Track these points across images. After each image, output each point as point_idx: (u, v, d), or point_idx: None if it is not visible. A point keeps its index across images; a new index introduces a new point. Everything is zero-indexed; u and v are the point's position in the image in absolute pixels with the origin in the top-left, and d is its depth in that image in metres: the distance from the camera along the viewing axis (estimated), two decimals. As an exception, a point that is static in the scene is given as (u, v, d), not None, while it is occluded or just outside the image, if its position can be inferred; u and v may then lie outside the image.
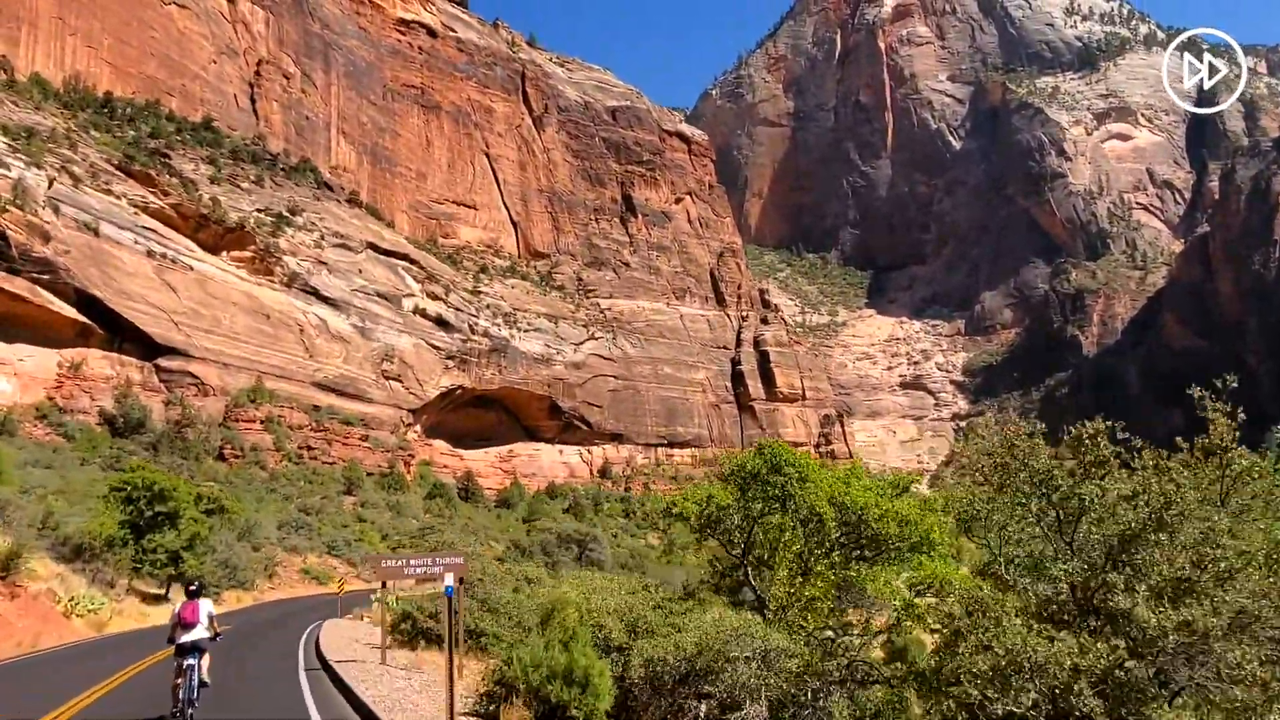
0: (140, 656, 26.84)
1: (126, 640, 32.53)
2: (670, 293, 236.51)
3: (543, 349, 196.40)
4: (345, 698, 21.02)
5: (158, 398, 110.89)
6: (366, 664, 26.29)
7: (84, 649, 30.05)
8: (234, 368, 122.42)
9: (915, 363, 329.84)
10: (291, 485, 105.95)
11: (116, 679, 22.75)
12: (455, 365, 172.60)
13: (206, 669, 16.31)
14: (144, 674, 23.99)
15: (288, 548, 71.03)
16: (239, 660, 27.45)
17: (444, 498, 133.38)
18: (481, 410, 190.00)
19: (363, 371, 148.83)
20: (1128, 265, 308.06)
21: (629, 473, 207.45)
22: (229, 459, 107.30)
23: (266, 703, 20.71)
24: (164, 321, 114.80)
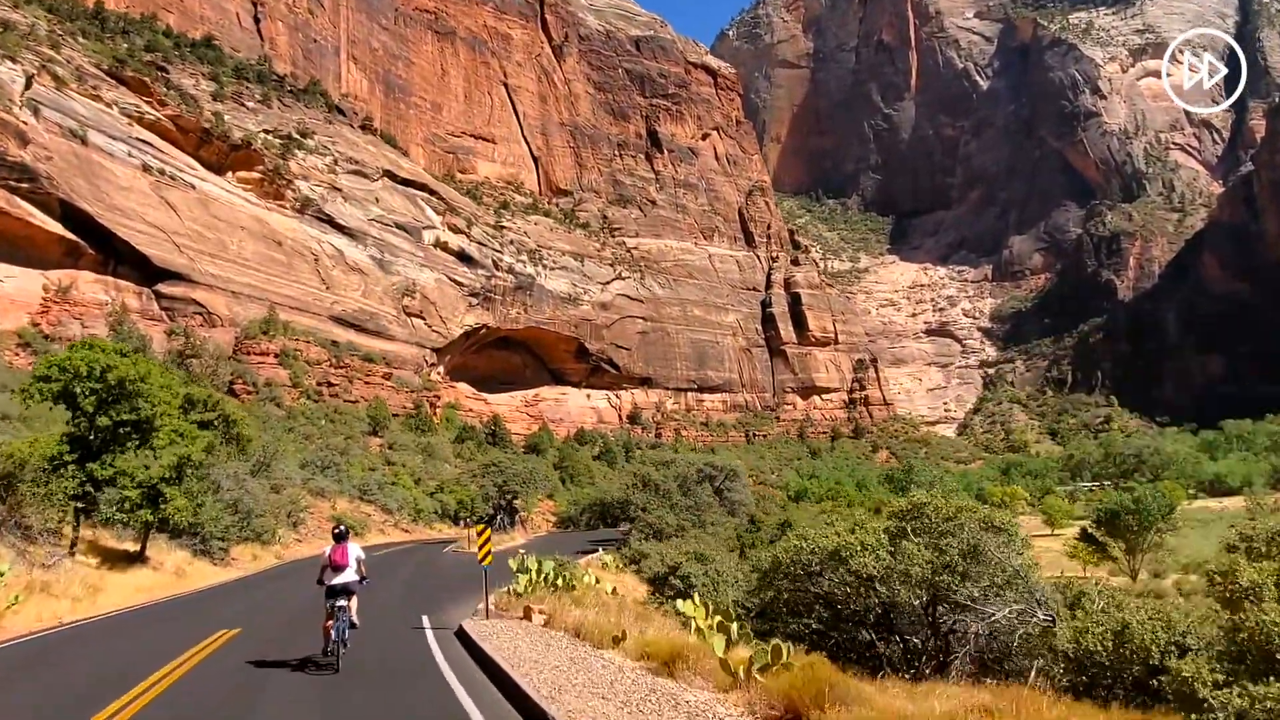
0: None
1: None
2: (698, 232, 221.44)
3: (569, 288, 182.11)
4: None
5: (158, 327, 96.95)
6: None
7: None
8: (244, 297, 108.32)
9: (941, 309, 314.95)
10: (311, 424, 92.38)
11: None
12: (479, 303, 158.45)
13: (355, 611, 15.70)
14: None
15: (314, 490, 57.50)
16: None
17: (474, 441, 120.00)
18: (506, 352, 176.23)
19: (383, 306, 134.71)
20: (1165, 207, 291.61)
21: (659, 418, 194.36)
22: (240, 395, 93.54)
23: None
24: (163, 243, 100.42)
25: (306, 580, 29.58)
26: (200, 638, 18.15)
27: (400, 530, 64.51)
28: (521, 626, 19.43)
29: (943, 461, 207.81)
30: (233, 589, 28.40)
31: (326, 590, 15.59)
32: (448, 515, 78.36)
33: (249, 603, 25.08)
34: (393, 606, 24.39)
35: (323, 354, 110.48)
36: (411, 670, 15.92)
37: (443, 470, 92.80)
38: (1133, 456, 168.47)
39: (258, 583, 30.60)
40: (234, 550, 33.77)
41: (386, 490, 69.60)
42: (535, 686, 12.81)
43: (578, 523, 78.56)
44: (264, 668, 15.67)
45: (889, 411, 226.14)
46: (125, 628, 20.45)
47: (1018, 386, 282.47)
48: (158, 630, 19.79)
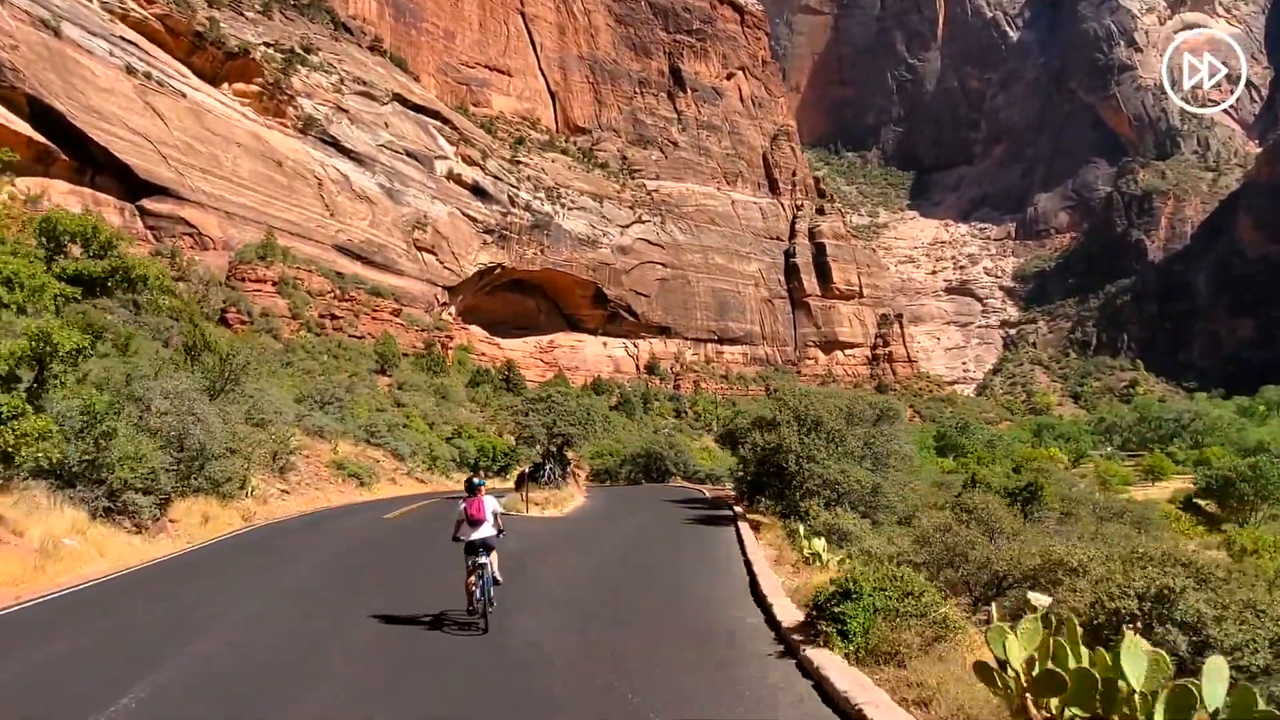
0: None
1: None
2: (721, 176, 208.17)
3: (587, 229, 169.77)
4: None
5: (143, 248, 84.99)
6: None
7: None
8: (239, 218, 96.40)
9: (961, 267, 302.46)
10: (312, 359, 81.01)
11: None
12: (494, 241, 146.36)
13: (497, 566, 14.54)
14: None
15: (310, 429, 46.26)
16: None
17: (490, 385, 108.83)
18: (520, 296, 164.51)
19: (391, 239, 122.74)
20: (1199, 166, 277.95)
21: (678, 369, 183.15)
22: (233, 325, 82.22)
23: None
24: (148, 153, 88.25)
25: (294, 567, 18.88)
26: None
27: (414, 480, 53.54)
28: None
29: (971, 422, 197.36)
30: (120, 590, 15.98)
31: (466, 546, 14.41)
32: (466, 464, 67.29)
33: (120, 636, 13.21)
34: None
35: (326, 284, 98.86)
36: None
37: (458, 414, 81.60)
38: (1172, 421, 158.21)
39: (185, 572, 18.18)
40: (175, 508, 22.32)
41: (397, 433, 58.48)
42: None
43: (615, 475, 67.56)
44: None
45: (913, 369, 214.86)
46: None
47: (1040, 348, 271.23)
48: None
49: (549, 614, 15.02)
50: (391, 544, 24.05)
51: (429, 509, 33.13)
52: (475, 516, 14.45)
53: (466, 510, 14.53)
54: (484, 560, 14.20)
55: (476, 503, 14.55)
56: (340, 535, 25.57)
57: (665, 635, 13.48)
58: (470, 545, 14.36)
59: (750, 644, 12.41)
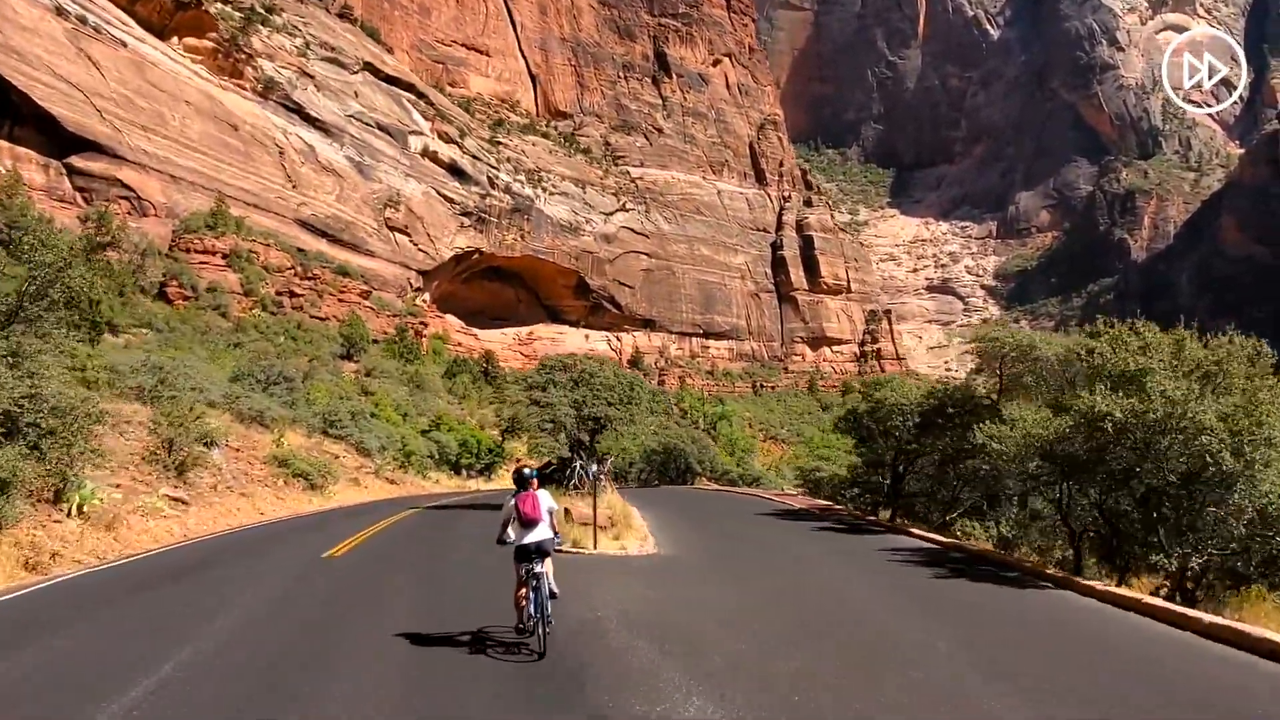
0: None
1: None
2: (706, 165, 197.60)
3: (570, 216, 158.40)
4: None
5: (68, 211, 72.56)
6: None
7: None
8: (185, 183, 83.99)
9: (943, 265, 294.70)
10: (266, 340, 69.08)
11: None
12: (472, 224, 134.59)
13: (553, 576, 11.02)
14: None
15: (246, 414, 34.65)
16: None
17: (468, 374, 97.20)
18: (498, 284, 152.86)
19: (360, 216, 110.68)
20: (1181, 166, 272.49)
21: (662, 364, 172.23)
22: (173, 300, 70.25)
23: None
24: (80, 104, 75.74)
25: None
26: None
27: (383, 481, 42.27)
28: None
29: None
30: None
31: (516, 551, 10.95)
32: (446, 461, 55.95)
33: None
34: None
35: (286, 260, 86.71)
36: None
37: (435, 404, 70.00)
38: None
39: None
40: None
41: (363, 424, 46.93)
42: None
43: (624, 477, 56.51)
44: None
45: (902, 367, 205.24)
46: None
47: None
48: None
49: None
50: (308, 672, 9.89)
51: (408, 527, 21.90)
52: (529, 516, 10.84)
53: (518, 507, 10.89)
54: (540, 569, 10.63)
55: (530, 499, 10.91)
56: (175, 630, 11.41)
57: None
58: (522, 550, 10.79)
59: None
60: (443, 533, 21.94)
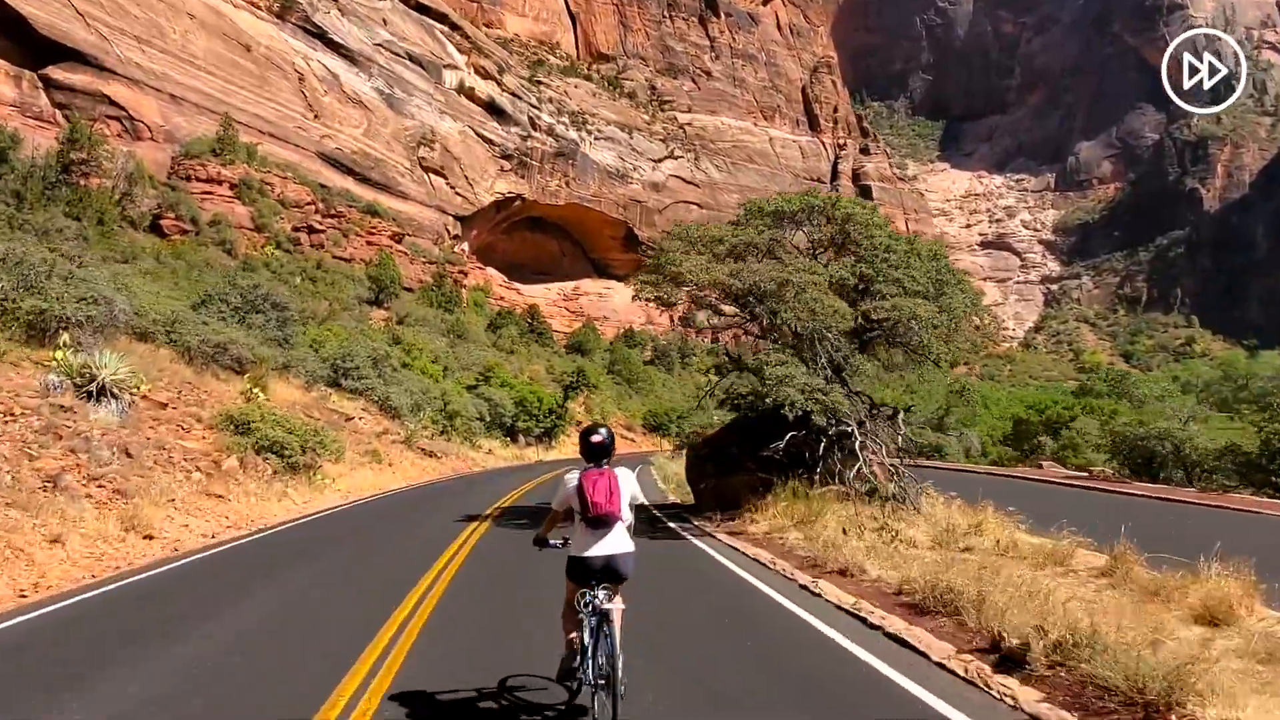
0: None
1: None
2: (757, 110, 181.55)
3: (617, 162, 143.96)
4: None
5: (47, 131, 59.72)
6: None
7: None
8: (188, 104, 70.80)
9: (998, 220, 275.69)
10: (280, 281, 56.06)
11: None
12: (513, 168, 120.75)
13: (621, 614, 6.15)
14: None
15: (198, 351, 21.30)
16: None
17: (515, 326, 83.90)
18: (541, 236, 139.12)
19: (391, 154, 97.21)
20: (1255, 111, 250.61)
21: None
22: (169, 233, 57.29)
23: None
24: (57, 6, 62.54)
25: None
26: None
27: (417, 453, 29.20)
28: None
29: (1032, 380, 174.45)
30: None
31: (572, 565, 6.18)
32: (499, 424, 42.55)
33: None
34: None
35: (305, 194, 73.56)
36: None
37: (482, 357, 56.71)
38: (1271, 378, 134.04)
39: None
40: None
41: (389, 375, 33.60)
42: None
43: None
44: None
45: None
46: None
47: (1085, 304, 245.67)
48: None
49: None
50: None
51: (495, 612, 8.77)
52: (600, 509, 5.91)
53: (582, 489, 6.00)
54: (608, 604, 5.95)
55: (604, 480, 6.01)
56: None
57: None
58: (582, 567, 6.06)
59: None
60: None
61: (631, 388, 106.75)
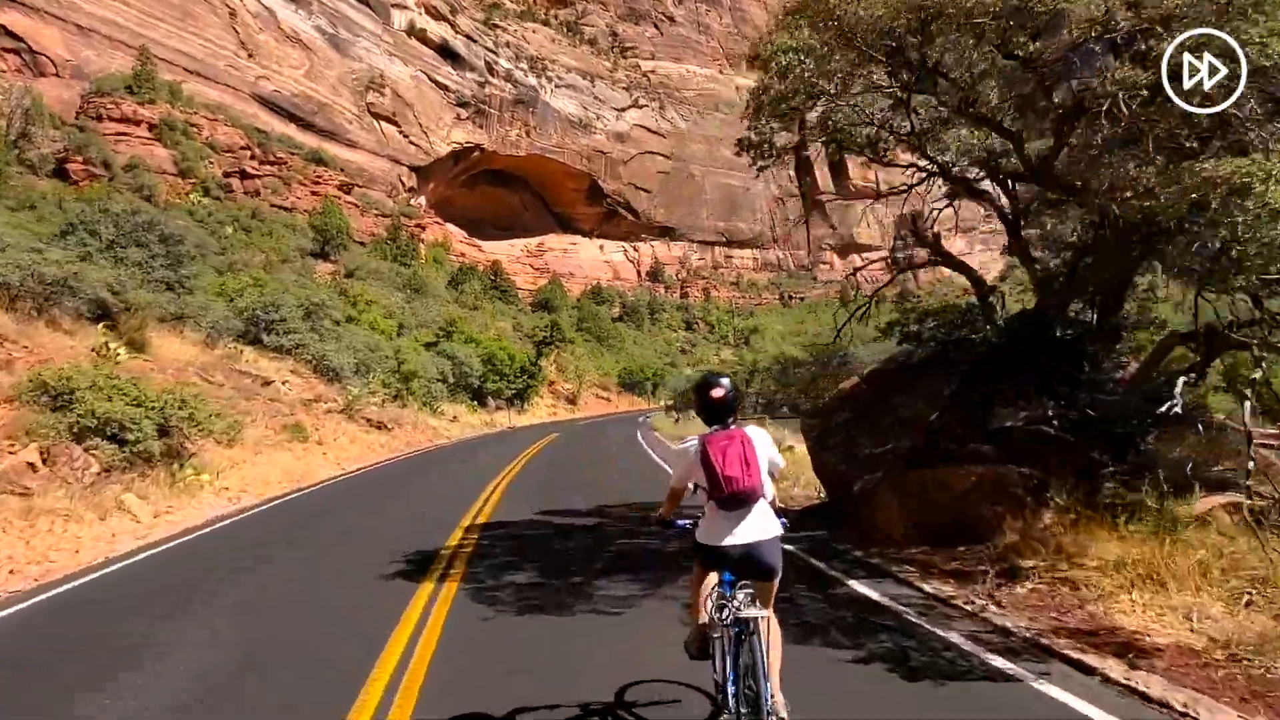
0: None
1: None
2: (723, 58, 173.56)
3: (579, 111, 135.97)
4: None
5: (-73, 63, 51.15)
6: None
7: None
8: (100, 38, 62.19)
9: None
10: (206, 229, 48.59)
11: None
12: (470, 116, 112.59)
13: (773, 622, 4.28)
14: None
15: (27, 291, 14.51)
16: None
17: (479, 282, 76.97)
18: (502, 190, 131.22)
19: (337, 99, 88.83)
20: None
21: (684, 275, 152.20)
22: (76, 178, 49.38)
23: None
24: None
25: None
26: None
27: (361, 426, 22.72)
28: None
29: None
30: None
31: (704, 553, 4.32)
32: (464, 386, 36.09)
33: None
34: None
35: (239, 137, 65.47)
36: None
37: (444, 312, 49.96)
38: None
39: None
40: None
41: (326, 331, 26.92)
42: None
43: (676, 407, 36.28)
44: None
45: (935, 274, 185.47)
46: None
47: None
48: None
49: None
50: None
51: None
52: (738, 484, 4.06)
53: (709, 460, 4.15)
54: (751, 609, 4.08)
55: (734, 445, 4.15)
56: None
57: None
58: (715, 558, 4.29)
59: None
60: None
61: (602, 345, 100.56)
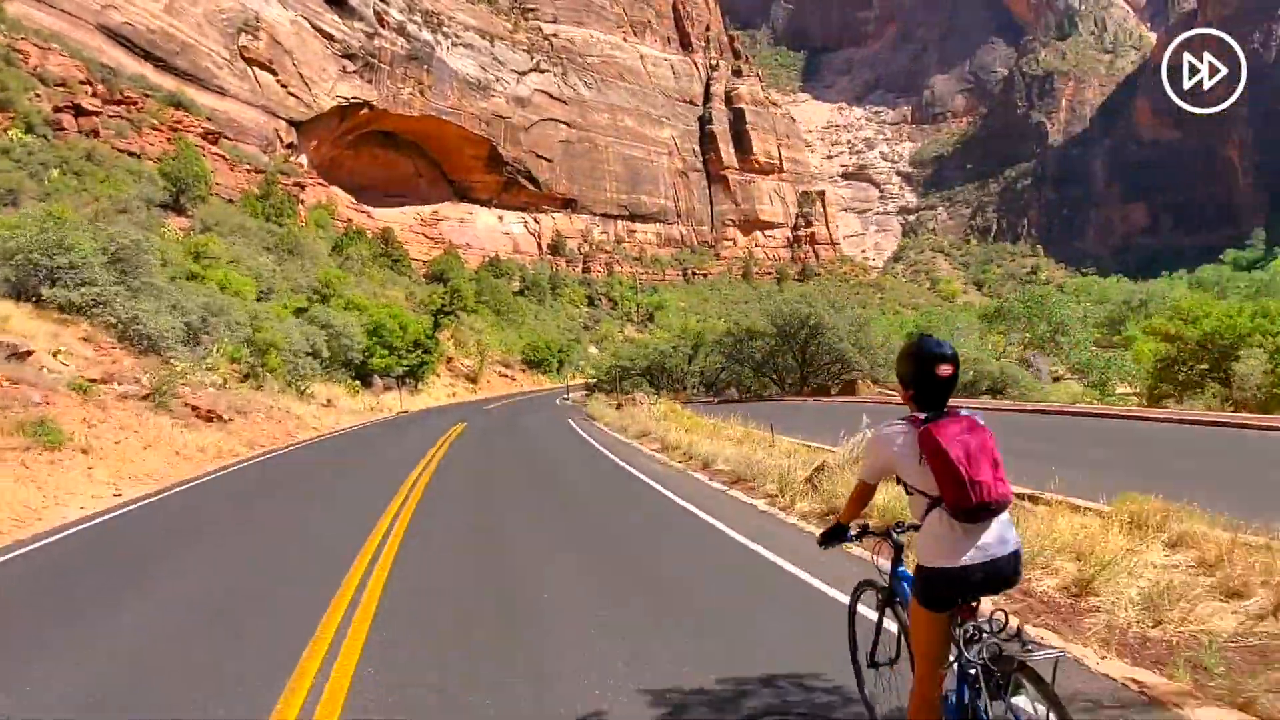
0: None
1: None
2: (627, 25, 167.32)
3: (478, 72, 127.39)
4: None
5: None
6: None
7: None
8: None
9: (858, 152, 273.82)
10: (26, 171, 39.49)
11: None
12: (358, 69, 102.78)
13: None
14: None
15: None
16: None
17: (368, 249, 68.71)
18: (393, 154, 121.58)
19: (203, 39, 78.27)
20: (1096, 48, 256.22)
21: (586, 249, 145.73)
22: None
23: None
24: None
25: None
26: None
27: (179, 418, 15.74)
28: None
29: (901, 309, 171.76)
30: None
31: (926, 583, 3.24)
32: (343, 361, 29.20)
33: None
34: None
35: (76, 69, 55.23)
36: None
37: (319, 274, 42.31)
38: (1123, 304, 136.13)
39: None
40: None
41: (141, 285, 19.74)
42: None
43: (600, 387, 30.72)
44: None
45: (835, 252, 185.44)
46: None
47: (940, 234, 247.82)
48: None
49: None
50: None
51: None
52: (989, 490, 3.07)
53: (942, 449, 3.10)
54: (1036, 649, 2.94)
55: (976, 438, 3.14)
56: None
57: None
58: (947, 582, 3.17)
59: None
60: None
61: (502, 320, 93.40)
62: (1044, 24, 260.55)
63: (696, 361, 32.80)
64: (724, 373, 31.97)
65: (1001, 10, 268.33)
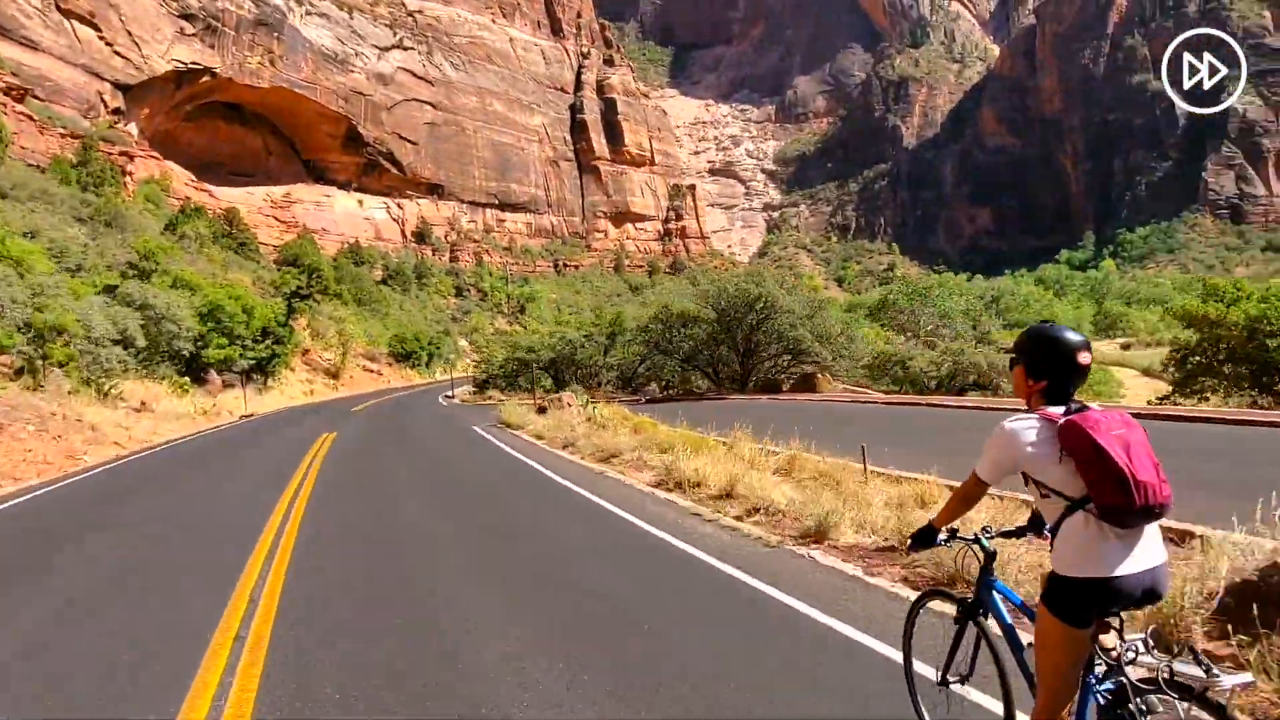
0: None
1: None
2: (496, 6, 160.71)
3: (335, 45, 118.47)
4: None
5: None
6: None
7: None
8: None
9: (724, 148, 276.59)
10: None
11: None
12: (198, 32, 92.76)
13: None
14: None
15: None
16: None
17: (209, 229, 60.65)
18: (240, 128, 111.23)
19: (8, -17, 67.54)
20: (946, 57, 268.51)
21: (454, 238, 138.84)
22: None
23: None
24: None
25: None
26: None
27: None
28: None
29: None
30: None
31: (1065, 594, 2.90)
32: (167, 353, 23.27)
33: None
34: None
35: None
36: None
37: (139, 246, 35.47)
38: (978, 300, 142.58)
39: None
40: None
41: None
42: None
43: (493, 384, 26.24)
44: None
45: (705, 246, 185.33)
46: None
47: (802, 231, 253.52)
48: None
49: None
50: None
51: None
52: (1153, 493, 2.78)
53: (1099, 445, 2.81)
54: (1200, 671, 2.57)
55: (1134, 433, 2.87)
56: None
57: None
58: (1096, 594, 2.85)
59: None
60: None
61: (364, 310, 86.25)
62: (899, 32, 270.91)
63: (613, 353, 28.49)
64: (642, 365, 27.97)
65: (861, 16, 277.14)
